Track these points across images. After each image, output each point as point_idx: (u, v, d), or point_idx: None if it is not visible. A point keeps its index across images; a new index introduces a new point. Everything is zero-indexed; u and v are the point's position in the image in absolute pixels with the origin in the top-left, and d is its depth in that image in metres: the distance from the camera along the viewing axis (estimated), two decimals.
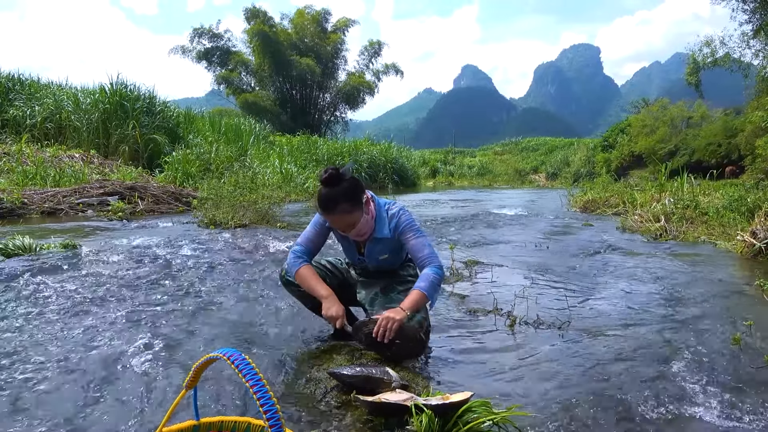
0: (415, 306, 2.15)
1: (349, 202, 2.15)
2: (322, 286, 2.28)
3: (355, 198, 2.17)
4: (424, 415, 1.60)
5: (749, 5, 18.68)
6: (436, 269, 2.23)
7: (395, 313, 2.09)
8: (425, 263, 2.25)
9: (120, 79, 12.23)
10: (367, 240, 2.35)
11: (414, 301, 2.15)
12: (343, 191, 2.14)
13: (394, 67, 34.97)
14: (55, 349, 2.22)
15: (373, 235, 2.32)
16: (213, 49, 33.12)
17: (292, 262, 2.34)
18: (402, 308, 2.12)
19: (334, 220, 2.20)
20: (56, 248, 4.02)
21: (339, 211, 2.14)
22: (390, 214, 2.33)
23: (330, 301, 2.22)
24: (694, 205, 7.48)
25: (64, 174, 8.77)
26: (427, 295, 2.18)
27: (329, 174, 2.12)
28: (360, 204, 2.19)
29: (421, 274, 2.25)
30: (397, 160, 20.16)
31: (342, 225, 2.21)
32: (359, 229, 2.24)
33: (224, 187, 7.28)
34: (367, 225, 2.26)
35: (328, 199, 2.14)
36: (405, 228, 2.30)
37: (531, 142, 51.53)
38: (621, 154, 30.86)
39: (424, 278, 2.21)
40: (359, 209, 2.19)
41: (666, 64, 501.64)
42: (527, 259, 4.88)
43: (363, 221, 2.22)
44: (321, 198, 2.16)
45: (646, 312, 3.10)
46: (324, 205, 2.16)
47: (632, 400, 1.91)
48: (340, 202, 2.13)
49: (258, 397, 0.96)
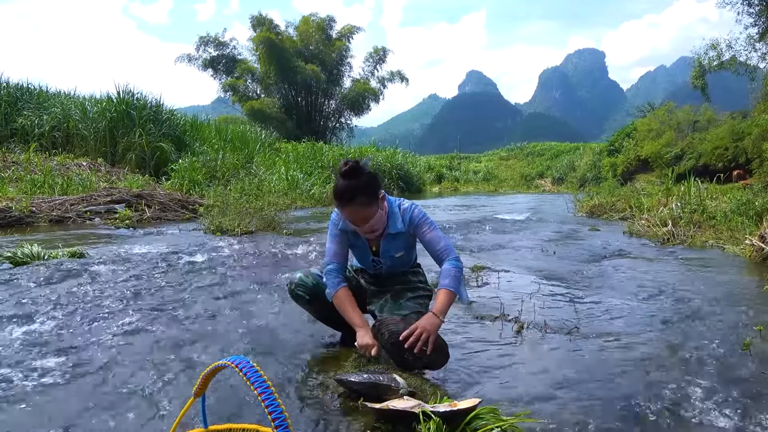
0: (447, 308, 2.16)
1: (367, 195, 2.15)
2: (357, 315, 2.27)
3: (373, 192, 2.18)
4: (432, 422, 1.59)
5: (755, 8, 18.63)
6: (455, 262, 2.25)
7: (431, 323, 2.06)
8: (443, 256, 2.27)
9: (127, 88, 12.34)
10: (380, 237, 2.36)
11: (445, 302, 2.16)
12: (362, 184, 2.14)
13: (400, 74, 35.09)
14: (63, 356, 2.23)
15: (387, 231, 2.33)
16: (219, 57, 33.37)
17: (330, 282, 2.34)
18: (435, 314, 2.10)
19: (350, 213, 2.19)
20: (64, 256, 4.05)
21: (357, 204, 2.14)
22: (402, 209, 2.35)
23: (365, 330, 2.21)
24: (702, 209, 7.42)
25: (72, 182, 8.83)
26: (455, 291, 2.19)
27: (349, 166, 2.13)
28: (377, 198, 2.20)
29: (441, 270, 2.26)
30: (402, 166, 20.16)
31: (358, 218, 2.20)
32: (373, 224, 2.23)
33: (230, 194, 7.31)
34: (381, 220, 2.27)
35: (347, 190, 2.14)
36: (420, 222, 2.33)
37: (536, 147, 51.36)
38: (627, 159, 30.69)
39: (446, 275, 2.22)
40: (376, 203, 2.20)
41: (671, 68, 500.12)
42: (534, 264, 4.86)
43: (377, 216, 2.23)
44: (339, 189, 2.15)
45: (654, 317, 3.07)
46: (342, 196, 2.15)
47: (641, 405, 1.89)
48: (359, 194, 2.13)
49: (266, 404, 0.96)
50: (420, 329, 2.02)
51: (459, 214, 11.32)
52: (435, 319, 2.08)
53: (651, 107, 36.21)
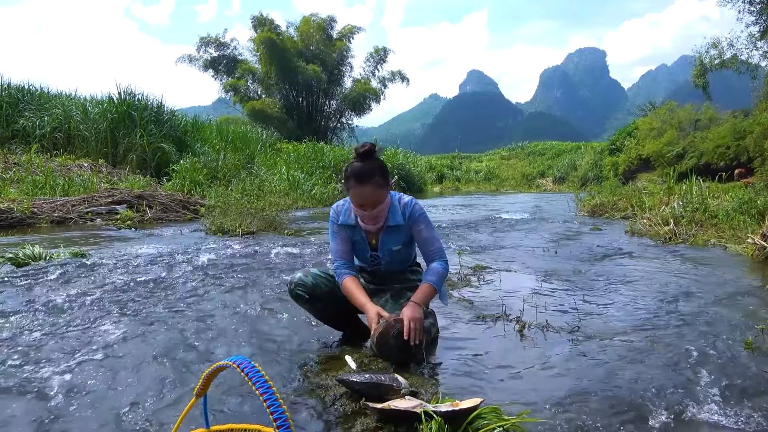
0: (427, 299, 2.24)
1: (382, 176, 2.24)
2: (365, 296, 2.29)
3: (386, 175, 2.28)
4: (434, 422, 1.59)
5: (756, 6, 18.58)
6: (444, 264, 2.35)
7: (414, 310, 2.13)
8: (434, 257, 2.37)
9: (128, 89, 12.36)
10: (380, 231, 2.40)
11: (427, 295, 2.24)
12: (378, 166, 2.25)
13: (400, 74, 35.13)
14: (64, 357, 2.23)
15: (387, 224, 2.37)
16: (220, 58, 33.41)
17: (338, 274, 2.39)
18: (418, 304, 2.17)
19: (363, 194, 2.22)
20: (66, 257, 4.06)
21: (373, 184, 2.21)
22: (403, 203, 2.41)
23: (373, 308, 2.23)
24: (704, 208, 7.40)
25: (73, 183, 8.86)
26: (437, 287, 2.28)
27: (368, 148, 2.23)
28: (388, 183, 2.29)
29: (428, 267, 2.35)
30: (403, 165, 20.20)
31: (370, 200, 2.24)
32: (381, 209, 2.28)
33: (232, 194, 7.32)
34: (386, 209, 2.33)
35: (365, 170, 2.21)
36: (419, 218, 2.40)
37: (538, 147, 51.35)
38: (628, 158, 30.66)
39: (433, 272, 2.31)
40: (387, 188, 2.28)
41: (672, 67, 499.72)
42: (535, 263, 4.85)
43: (386, 202, 2.30)
44: (357, 169, 2.21)
45: (656, 316, 3.07)
46: (361, 176, 2.20)
47: (643, 404, 1.89)
48: (376, 174, 2.21)
49: (268, 404, 0.96)
50: (410, 320, 2.08)
51: (460, 213, 11.32)
52: (420, 309, 2.16)
53: (652, 106, 36.18)
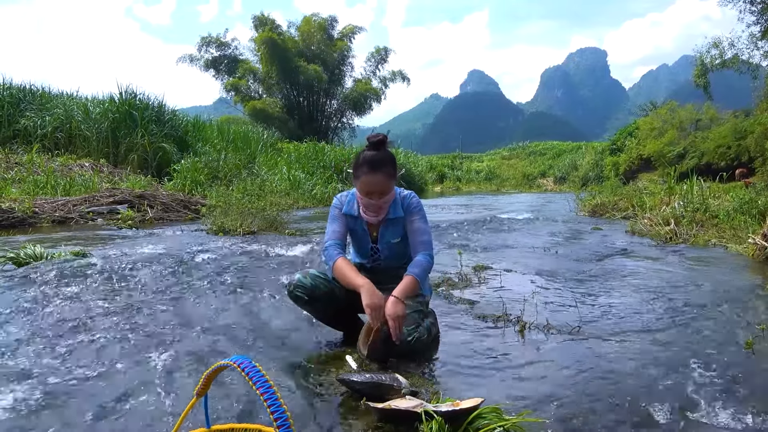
0: (409, 292, 2.24)
1: (392, 167, 2.32)
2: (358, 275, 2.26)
3: (395, 166, 2.35)
4: (435, 422, 1.59)
5: (757, 6, 18.56)
6: (429, 257, 2.38)
7: (396, 307, 2.14)
8: (421, 248, 2.39)
9: (129, 89, 12.37)
10: (381, 223, 2.46)
11: (409, 288, 2.25)
12: (389, 155, 2.33)
13: (401, 74, 35.11)
14: (64, 356, 2.23)
15: (387, 216, 2.43)
16: (221, 58, 33.41)
17: (327, 256, 2.39)
18: (399, 299, 2.18)
19: (374, 181, 2.29)
20: (67, 256, 4.06)
21: (383, 173, 2.28)
22: (402, 196, 2.48)
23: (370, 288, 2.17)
24: (704, 208, 7.40)
25: (74, 183, 8.87)
26: (420, 280, 2.29)
27: (381, 137, 2.31)
28: (396, 174, 2.35)
29: (414, 260, 2.37)
30: (404, 165, 20.17)
31: (378, 189, 2.30)
32: (387, 199, 2.35)
33: (233, 194, 7.33)
34: (389, 202, 2.39)
35: (378, 158, 2.29)
36: (414, 209, 2.46)
37: (538, 147, 51.31)
38: (629, 158, 30.64)
39: (417, 264, 2.33)
40: (395, 179, 2.35)
41: (673, 67, 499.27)
42: (536, 263, 4.85)
43: (391, 194, 2.37)
44: (369, 157, 2.29)
45: (657, 316, 3.07)
46: (373, 164, 2.28)
47: (644, 405, 1.89)
48: (387, 164, 2.30)
49: (268, 404, 0.97)
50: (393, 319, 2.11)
51: (461, 213, 11.32)
52: (401, 304, 2.17)
53: (653, 106, 36.14)
